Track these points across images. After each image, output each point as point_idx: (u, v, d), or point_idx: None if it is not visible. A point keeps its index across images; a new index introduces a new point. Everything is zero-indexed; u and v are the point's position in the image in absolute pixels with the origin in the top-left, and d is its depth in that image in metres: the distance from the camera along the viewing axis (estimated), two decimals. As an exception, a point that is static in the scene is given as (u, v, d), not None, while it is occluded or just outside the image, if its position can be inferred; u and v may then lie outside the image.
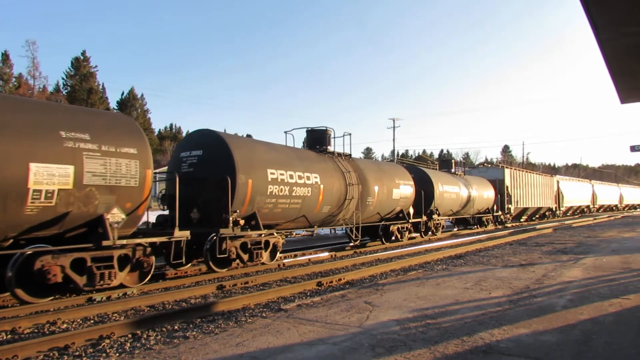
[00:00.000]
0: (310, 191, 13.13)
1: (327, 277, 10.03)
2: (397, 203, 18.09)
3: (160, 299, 8.17)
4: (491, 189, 28.57)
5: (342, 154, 16.23)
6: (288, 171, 12.46)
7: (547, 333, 5.15)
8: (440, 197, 21.74)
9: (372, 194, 16.38)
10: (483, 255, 13.29)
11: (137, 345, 5.43)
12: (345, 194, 14.82)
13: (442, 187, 22.05)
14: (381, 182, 17.01)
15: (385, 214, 17.75)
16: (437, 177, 22.33)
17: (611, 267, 10.27)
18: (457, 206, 24.08)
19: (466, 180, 25.79)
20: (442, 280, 8.79)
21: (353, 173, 15.34)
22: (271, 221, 12.38)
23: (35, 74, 51.63)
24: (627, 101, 10.71)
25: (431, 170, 23.46)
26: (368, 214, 16.61)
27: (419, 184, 20.06)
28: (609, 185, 63.73)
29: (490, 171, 32.94)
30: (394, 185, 17.76)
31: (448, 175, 24.27)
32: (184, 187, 10.60)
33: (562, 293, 7.41)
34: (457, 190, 23.79)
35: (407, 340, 4.92)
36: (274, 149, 13.08)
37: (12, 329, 6.36)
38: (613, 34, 6.55)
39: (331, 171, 14.46)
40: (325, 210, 14.16)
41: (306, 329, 5.46)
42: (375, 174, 16.98)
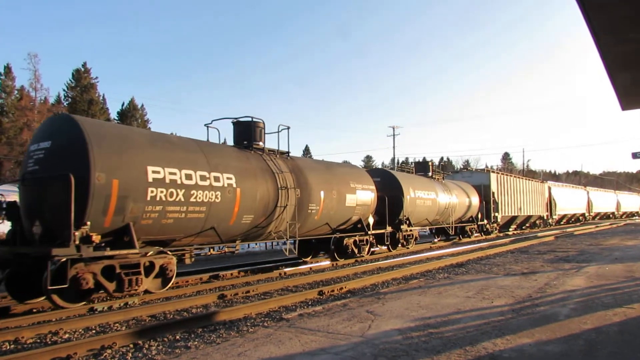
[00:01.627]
0: (221, 196, 10.20)
1: (329, 285, 10.00)
2: (353, 212, 15.20)
3: (162, 309, 8.15)
4: (475, 196, 25.98)
5: (277, 151, 13.30)
6: (183, 169, 9.47)
7: (551, 343, 5.12)
8: (412, 205, 19.04)
9: (317, 201, 13.47)
10: (485, 263, 13.25)
11: (138, 355, 5.41)
12: (276, 200, 11.96)
13: (415, 193, 19.35)
14: (329, 186, 14.10)
15: (337, 225, 14.79)
16: (408, 182, 19.52)
17: (614, 275, 10.22)
18: (433, 215, 21.30)
19: (445, 185, 23.16)
20: (444, 289, 8.76)
21: (289, 174, 12.59)
22: (160, 236, 9.42)
23: (37, 86, 51.87)
24: (628, 108, 10.73)
25: (402, 174, 20.99)
26: (312, 224, 13.68)
27: (384, 189, 17.56)
28: (605, 192, 61.52)
29: (475, 176, 29.95)
30: (348, 190, 14.88)
31: (423, 180, 21.55)
32: (28, 191, 8.44)
33: (565, 302, 7.37)
34: (434, 197, 21.03)
35: (410, 350, 4.90)
36: (164, 140, 9.96)
37: (15, 339, 6.35)
38: (614, 40, 6.58)
39: (255, 171, 11.58)
40: (247, 220, 11.20)
41: (308, 339, 5.44)
42: (321, 177, 14.11)
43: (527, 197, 33.89)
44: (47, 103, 52.24)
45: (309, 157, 17.85)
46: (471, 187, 26.29)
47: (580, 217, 49.52)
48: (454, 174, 32.66)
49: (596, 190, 58.29)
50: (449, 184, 23.87)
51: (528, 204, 34.07)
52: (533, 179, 39.11)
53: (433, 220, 21.81)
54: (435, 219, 21.85)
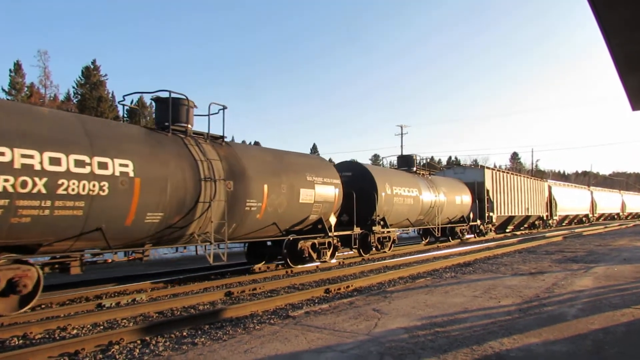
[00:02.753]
0: (109, 187, 8.04)
1: (335, 284, 10.01)
2: (311, 209, 12.92)
3: (169, 305, 8.20)
4: (467, 194, 23.78)
5: (207, 134, 10.92)
6: (46, 152, 7.29)
7: (558, 343, 5.10)
8: (388, 203, 16.69)
9: (258, 196, 11.08)
10: (492, 263, 13.20)
11: (146, 351, 5.45)
12: (198, 195, 9.64)
13: (392, 189, 16.95)
14: (277, 179, 11.79)
15: (290, 225, 12.56)
16: (385, 177, 17.11)
17: (623, 276, 10.14)
18: (415, 214, 18.95)
19: (432, 182, 20.85)
20: (451, 288, 8.73)
21: (218, 163, 10.26)
22: (11, 240, 7.27)
23: (47, 83, 52.34)
24: (638, 108, 10.64)
25: (377, 168, 18.84)
26: (253, 225, 11.30)
27: (355, 184, 15.55)
28: (610, 192, 58.87)
29: (468, 172, 27.55)
30: (303, 184, 12.59)
31: (404, 175, 19.22)
32: None
33: (573, 302, 7.33)
34: (416, 194, 18.72)
35: (416, 349, 4.89)
36: (23, 112, 7.73)
37: (23, 334, 6.42)
38: (624, 40, 6.53)
39: (167, 158, 9.24)
40: (153, 219, 8.88)
41: (314, 336, 5.45)
42: (266, 167, 11.74)
43: (526, 196, 31.89)
44: (57, 100, 52.69)
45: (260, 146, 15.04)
46: (462, 185, 24.22)
47: (584, 218, 47.29)
48: (446, 170, 30.08)
49: (600, 190, 56.03)
50: (437, 181, 21.67)
51: (526, 204, 31.94)
52: (532, 177, 36.42)
53: (416, 221, 19.48)
54: (418, 219, 19.57)
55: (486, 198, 26.01)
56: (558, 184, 43.59)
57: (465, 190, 23.84)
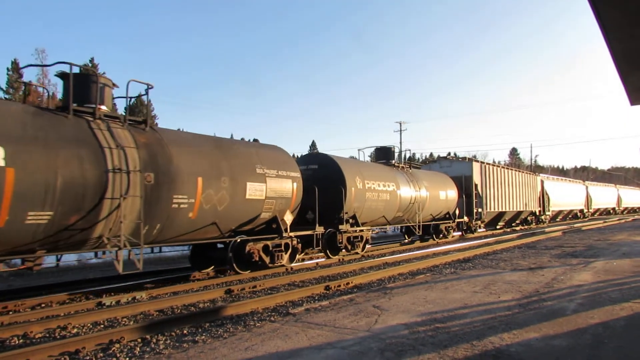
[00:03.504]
0: None
1: (335, 280, 10.02)
2: (262, 207, 11.28)
3: (169, 304, 8.21)
4: (453, 188, 22.04)
5: (123, 117, 9.22)
6: None
7: (558, 337, 5.11)
8: (360, 198, 14.92)
9: (190, 191, 9.43)
10: (492, 258, 13.22)
11: (146, 349, 5.46)
12: (104, 189, 8.04)
13: (365, 184, 15.20)
14: (216, 171, 10.14)
15: (236, 225, 10.92)
16: (355, 170, 15.23)
17: (622, 270, 10.17)
18: (393, 211, 17.17)
19: (412, 176, 19.09)
20: (451, 284, 8.75)
21: (134, 151, 8.63)
22: None
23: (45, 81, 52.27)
24: (636, 103, 10.62)
25: (347, 160, 16.56)
26: (184, 225, 9.57)
27: (320, 178, 14.08)
28: (605, 187, 56.63)
29: (455, 166, 25.53)
30: (251, 177, 10.94)
31: (379, 169, 17.45)
32: None
33: (573, 297, 7.35)
34: (393, 189, 16.86)
35: (416, 345, 4.91)
36: None
37: (24, 333, 6.42)
38: (623, 35, 6.51)
39: (57, 143, 7.61)
40: (40, 220, 7.30)
41: (315, 333, 5.46)
42: (202, 157, 10.06)
43: (517, 190, 30.12)
44: (55, 98, 52.58)
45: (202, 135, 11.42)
46: (448, 179, 22.44)
47: (578, 213, 45.42)
48: (431, 163, 27.42)
49: (596, 184, 54.25)
50: (418, 175, 19.92)
51: (518, 199, 30.17)
52: (524, 171, 34.71)
53: (393, 218, 17.64)
54: (396, 217, 17.73)
55: (474, 193, 24.29)
56: (551, 178, 41.45)
57: (450, 185, 22.06)
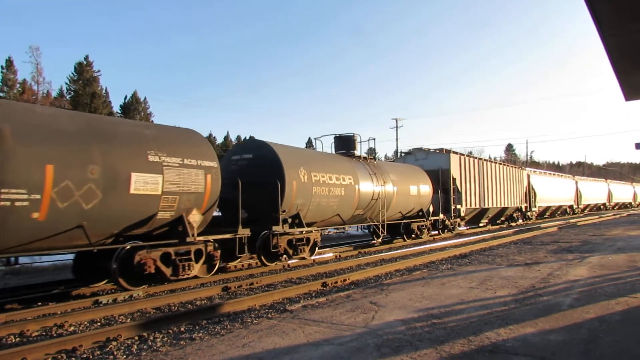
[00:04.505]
0: None
1: (332, 277, 10.03)
2: (158, 205, 8.86)
3: (166, 301, 8.20)
4: (427, 183, 19.77)
5: None
6: None
7: (554, 332, 5.14)
8: (304, 194, 12.65)
9: (32, 183, 7.01)
10: (488, 254, 13.26)
11: (143, 347, 5.45)
12: None
13: (312, 176, 12.96)
14: (81, 158, 7.73)
15: (120, 230, 8.49)
16: (299, 160, 12.96)
17: (617, 265, 10.22)
18: (350, 209, 14.77)
19: (377, 168, 16.72)
20: (447, 280, 8.78)
21: None
22: None
23: (39, 79, 51.81)
24: (631, 98, 10.67)
25: (288, 148, 13.59)
26: (25, 231, 7.13)
27: (251, 169, 12.04)
28: (596, 182, 55.22)
29: (431, 158, 23.20)
30: (140, 167, 8.58)
31: (333, 159, 15.13)
32: None
33: (568, 292, 7.39)
34: (349, 183, 14.50)
35: (413, 340, 4.92)
36: None
37: (20, 331, 6.40)
38: (618, 30, 6.53)
39: None
40: None
41: (312, 330, 5.47)
42: (55, 137, 7.55)
43: (502, 185, 28.07)
44: (50, 97, 52.29)
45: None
46: (421, 173, 20.17)
47: (568, 209, 43.81)
48: (406, 156, 24.82)
49: (586, 179, 52.84)
50: (384, 168, 17.52)
51: (502, 194, 28.08)
52: (509, 164, 32.48)
53: (352, 217, 15.30)
54: (355, 215, 15.38)
55: (452, 188, 22.13)
56: (538, 172, 39.35)
57: (423, 179, 19.79)
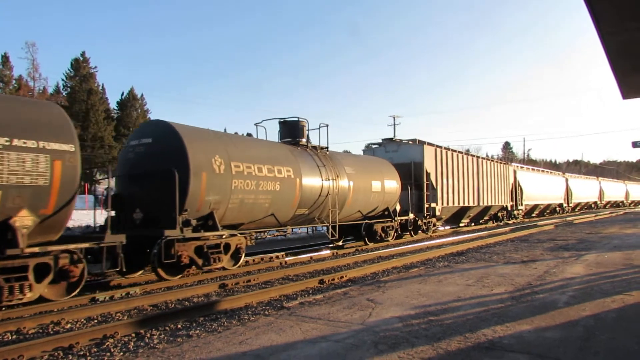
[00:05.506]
0: None
1: (329, 274, 10.04)
2: None
3: (163, 298, 8.19)
4: (393, 178, 17.26)
5: None
6: None
7: (550, 329, 5.16)
8: (221, 188, 10.16)
9: None
10: (485, 252, 13.30)
11: (140, 344, 5.44)
12: None
13: (233, 167, 10.40)
14: None
15: None
16: (214, 145, 10.40)
17: (613, 263, 10.26)
18: (288, 207, 12.25)
19: (329, 160, 14.18)
20: (444, 277, 8.80)
21: None
22: None
23: (35, 75, 51.65)
24: (629, 97, 10.69)
25: (199, 130, 10.79)
26: None
27: (149, 157, 9.75)
28: (587, 180, 53.33)
29: (403, 150, 20.81)
30: None
31: (265, 146, 12.46)
32: None
33: (564, 289, 7.42)
34: (288, 176, 11.98)
35: (410, 337, 4.94)
36: None
37: (17, 329, 6.38)
38: (616, 29, 6.54)
39: None
40: None
41: (309, 327, 5.48)
42: None
43: (485, 182, 25.85)
44: (46, 93, 52.09)
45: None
46: (387, 166, 17.72)
47: (557, 208, 42.10)
48: (375, 148, 22.03)
49: (576, 177, 51.17)
50: (340, 160, 14.87)
51: (485, 191, 25.83)
52: (494, 160, 30.23)
53: (293, 217, 12.69)
54: (298, 215, 12.86)
55: (425, 184, 19.85)
56: (525, 168, 37.23)
57: (390, 173, 17.30)
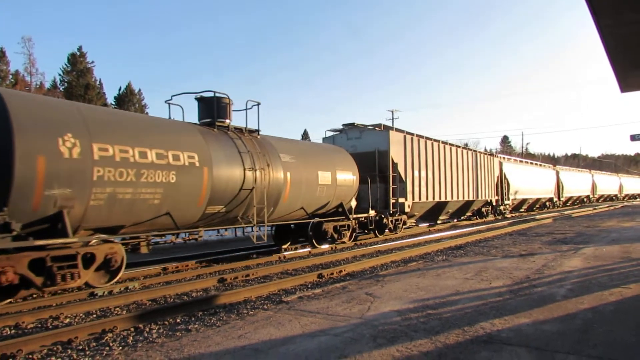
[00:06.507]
0: None
1: (328, 269, 10.06)
2: None
3: (162, 293, 8.20)
4: (349, 169, 14.83)
5: None
6: None
7: (548, 322, 5.17)
8: (71, 179, 7.51)
9: None
10: (483, 245, 13.32)
11: (139, 338, 5.45)
12: None
13: (96, 149, 7.90)
14: None
15: None
16: (64, 116, 7.72)
17: (611, 256, 10.29)
18: (191, 203, 9.66)
19: (257, 145, 11.57)
20: (443, 271, 8.81)
21: None
22: None
23: (32, 70, 51.58)
24: (627, 90, 10.68)
25: (43, 100, 9.20)
26: None
27: None
28: (579, 173, 50.90)
29: (366, 136, 18.21)
30: None
31: (161, 126, 9.85)
32: None
33: (563, 283, 7.43)
34: (190, 163, 9.48)
35: (409, 331, 4.94)
36: None
37: (15, 324, 6.39)
38: (614, 21, 6.52)
39: None
40: None
41: (307, 321, 5.49)
42: None
43: (466, 174, 23.24)
44: (43, 88, 51.92)
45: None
46: (342, 154, 15.31)
47: (547, 202, 39.78)
48: (335, 135, 19.14)
49: (568, 170, 48.89)
50: (274, 145, 12.29)
51: (467, 185, 23.28)
52: (476, 150, 27.11)
53: (202, 218, 10.09)
54: (210, 213, 10.22)
55: (392, 176, 17.25)
56: (512, 160, 35.09)
57: (344, 163, 14.83)
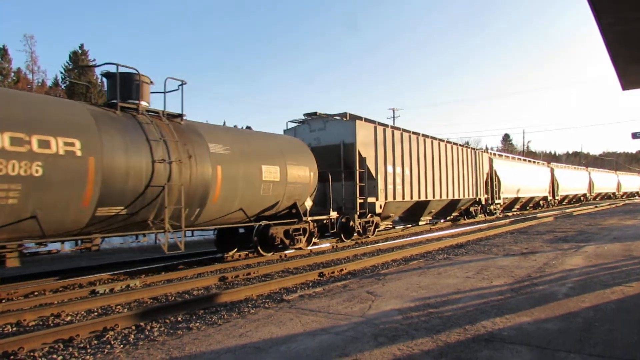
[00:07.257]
0: None
1: (329, 267, 10.06)
2: None
3: (163, 291, 8.21)
4: (304, 164, 13.17)
5: None
6: None
7: (549, 321, 5.17)
8: None
9: None
10: (484, 244, 13.31)
11: (141, 336, 5.46)
12: None
13: None
14: None
15: None
16: None
17: (613, 254, 10.27)
18: (72, 203, 7.71)
19: (178, 132, 9.78)
20: (444, 270, 8.80)
21: None
22: None
23: (34, 68, 51.62)
24: (628, 88, 10.66)
25: None
26: None
27: None
28: (575, 170, 49.18)
29: (330, 127, 16.26)
30: None
31: (25, 102, 7.50)
32: None
33: (564, 281, 7.42)
34: (69, 151, 7.54)
35: (410, 330, 4.94)
36: None
37: (17, 321, 6.41)
38: (615, 19, 6.50)
39: None
40: None
41: (309, 319, 5.48)
42: None
43: (451, 171, 21.76)
44: (45, 86, 51.95)
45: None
46: (298, 146, 13.72)
47: (542, 201, 38.19)
48: (297, 126, 17.19)
49: (563, 167, 47.58)
50: (203, 134, 10.51)
51: (452, 183, 21.81)
52: (463, 145, 24.84)
53: (91, 222, 8.27)
54: (104, 216, 8.41)
55: (359, 172, 15.49)
56: (503, 157, 33.66)
57: (299, 156, 13.26)
